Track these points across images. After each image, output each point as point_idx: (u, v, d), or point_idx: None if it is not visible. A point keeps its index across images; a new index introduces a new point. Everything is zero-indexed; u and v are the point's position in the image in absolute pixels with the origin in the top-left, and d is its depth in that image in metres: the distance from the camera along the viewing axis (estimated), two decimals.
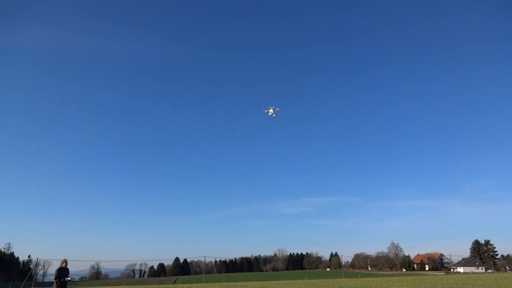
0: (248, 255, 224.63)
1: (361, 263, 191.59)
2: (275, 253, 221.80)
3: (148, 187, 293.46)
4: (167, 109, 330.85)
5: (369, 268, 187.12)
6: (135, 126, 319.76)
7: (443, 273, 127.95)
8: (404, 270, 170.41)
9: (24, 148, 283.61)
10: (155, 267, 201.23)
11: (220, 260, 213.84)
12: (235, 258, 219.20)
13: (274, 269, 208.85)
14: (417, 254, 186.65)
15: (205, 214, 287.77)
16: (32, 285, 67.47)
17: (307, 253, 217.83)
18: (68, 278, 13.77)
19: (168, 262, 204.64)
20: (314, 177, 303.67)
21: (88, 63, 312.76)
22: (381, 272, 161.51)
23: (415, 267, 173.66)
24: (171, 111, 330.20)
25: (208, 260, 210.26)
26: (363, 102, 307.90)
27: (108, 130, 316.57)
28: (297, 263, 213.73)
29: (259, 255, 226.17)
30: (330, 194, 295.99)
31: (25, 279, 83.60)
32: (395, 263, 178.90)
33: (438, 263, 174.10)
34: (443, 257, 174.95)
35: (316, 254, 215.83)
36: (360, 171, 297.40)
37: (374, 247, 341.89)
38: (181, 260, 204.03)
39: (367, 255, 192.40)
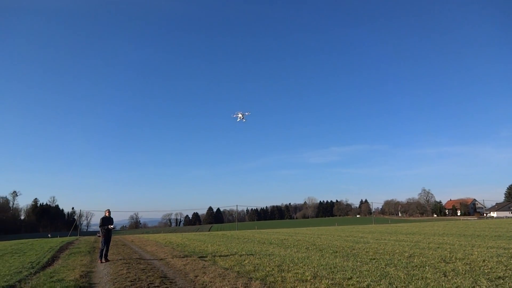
0: (279, 204, 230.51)
1: (391, 209, 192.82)
2: (305, 201, 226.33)
3: (181, 141, 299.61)
4: (200, 63, 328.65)
5: (400, 214, 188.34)
6: (170, 82, 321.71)
7: (476, 218, 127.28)
8: (435, 215, 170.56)
9: (64, 104, 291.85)
10: (190, 216, 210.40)
11: (251, 209, 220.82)
12: (266, 207, 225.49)
13: (304, 217, 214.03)
14: (449, 199, 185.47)
15: (236, 165, 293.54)
16: (78, 234, 72.33)
17: (336, 200, 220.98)
18: (111, 226, 14.65)
19: (202, 211, 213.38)
20: (341, 127, 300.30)
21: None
22: (411, 218, 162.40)
23: (447, 213, 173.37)
24: (202, 64, 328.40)
25: (240, 209, 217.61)
26: (393, 49, 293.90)
27: (146, 88, 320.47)
28: (327, 210, 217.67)
29: (290, 204, 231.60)
30: (358, 142, 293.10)
31: (71, 229, 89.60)
32: (426, 209, 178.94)
33: (471, 208, 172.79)
34: (476, 202, 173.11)
35: (346, 201, 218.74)
36: (388, 119, 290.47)
37: (404, 194, 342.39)
38: (214, 209, 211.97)
39: (397, 202, 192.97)
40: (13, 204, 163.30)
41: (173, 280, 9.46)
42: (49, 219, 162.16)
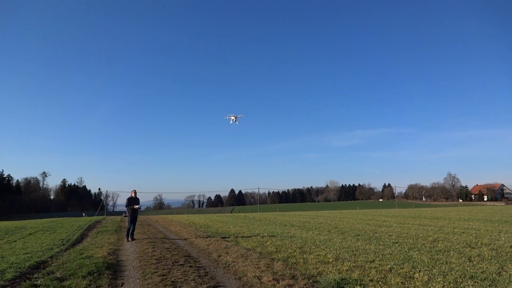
0: (300, 187, 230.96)
1: (415, 193, 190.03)
2: (327, 185, 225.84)
3: (205, 124, 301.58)
4: (230, 46, 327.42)
5: (424, 199, 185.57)
6: (195, 66, 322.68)
7: (503, 204, 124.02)
8: (461, 200, 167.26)
9: (91, 87, 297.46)
10: (212, 198, 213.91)
11: (273, 192, 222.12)
12: (288, 190, 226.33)
13: (326, 200, 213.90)
14: (475, 184, 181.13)
15: (259, 148, 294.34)
16: (104, 214, 74.67)
17: (359, 184, 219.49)
18: (137, 206, 15.03)
19: (224, 193, 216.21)
20: (367, 110, 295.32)
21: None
22: (436, 203, 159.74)
23: (473, 198, 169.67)
24: (232, 47, 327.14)
25: (261, 191, 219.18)
26: (420, 31, 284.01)
27: (167, 69, 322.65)
28: (349, 194, 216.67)
29: (311, 187, 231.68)
30: (383, 126, 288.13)
31: (98, 209, 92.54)
32: (451, 193, 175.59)
33: (498, 194, 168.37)
34: (504, 187, 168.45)
35: (369, 185, 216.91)
36: (414, 101, 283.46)
37: (429, 178, 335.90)
38: (236, 192, 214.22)
39: (422, 186, 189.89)
40: (43, 184, 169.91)
41: (197, 259, 9.69)
42: (77, 199, 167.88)
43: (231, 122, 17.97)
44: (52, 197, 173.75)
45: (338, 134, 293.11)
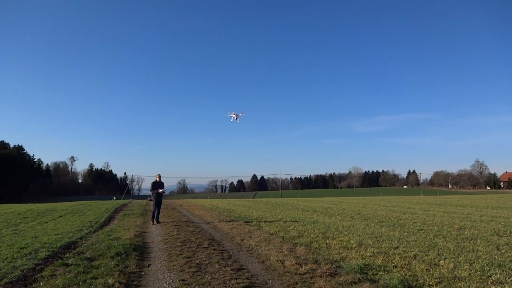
0: (323, 173, 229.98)
1: (441, 181, 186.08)
2: (350, 171, 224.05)
3: (227, 109, 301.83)
4: (255, 31, 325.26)
5: (450, 186, 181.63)
6: (221, 51, 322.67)
7: None
8: (489, 188, 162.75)
9: (115, 72, 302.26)
10: (235, 183, 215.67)
11: (295, 177, 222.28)
12: (310, 176, 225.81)
13: (348, 186, 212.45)
14: (505, 172, 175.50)
15: (281, 133, 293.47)
16: (130, 198, 76.63)
17: (383, 170, 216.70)
18: (161, 190, 15.31)
19: (247, 178, 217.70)
20: (391, 95, 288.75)
21: None
22: (462, 190, 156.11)
23: (502, 185, 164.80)
24: (257, 32, 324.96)
25: (284, 177, 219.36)
26: (449, 19, 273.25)
27: (187, 55, 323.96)
28: (373, 180, 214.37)
29: (334, 173, 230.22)
30: (408, 111, 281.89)
31: (124, 193, 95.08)
32: (479, 181, 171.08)
33: None
34: None
35: (393, 172, 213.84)
36: (441, 86, 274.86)
37: (456, 165, 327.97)
38: (258, 177, 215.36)
39: (448, 173, 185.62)
40: (71, 168, 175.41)
41: (220, 242, 9.85)
42: (104, 183, 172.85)
43: (231, 120, 18.03)
44: (80, 180, 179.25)
45: (361, 120, 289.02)
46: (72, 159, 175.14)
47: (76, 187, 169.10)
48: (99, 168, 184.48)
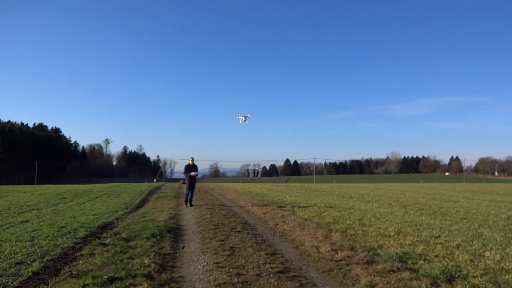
0: (359, 158, 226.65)
1: (487, 168, 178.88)
2: (388, 156, 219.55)
3: (261, 93, 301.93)
4: (292, 11, 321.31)
5: (496, 174, 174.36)
6: (253, 26, 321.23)
7: None
8: None
9: (151, 52, 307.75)
10: (267, 167, 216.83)
11: (330, 162, 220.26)
12: (345, 161, 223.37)
13: (386, 172, 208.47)
14: None
15: (316, 117, 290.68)
16: (163, 180, 78.72)
17: (423, 156, 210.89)
18: (194, 173, 15.60)
19: (279, 163, 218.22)
20: (434, 75, 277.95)
21: None
22: (510, 178, 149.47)
23: None
24: (293, 12, 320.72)
25: (318, 162, 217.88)
26: None
27: (228, 30, 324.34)
28: (412, 166, 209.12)
29: (370, 158, 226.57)
30: (453, 93, 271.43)
31: (157, 175, 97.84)
32: None
33: None
34: None
35: (434, 157, 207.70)
36: (490, 67, 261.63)
37: (503, 151, 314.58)
38: (292, 162, 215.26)
39: (494, 160, 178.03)
40: (105, 150, 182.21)
41: (253, 226, 9.98)
42: (137, 166, 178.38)
43: (240, 122, 18.16)
44: (114, 163, 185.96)
45: (402, 103, 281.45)
46: (107, 141, 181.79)
47: (110, 169, 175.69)
48: (132, 151, 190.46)
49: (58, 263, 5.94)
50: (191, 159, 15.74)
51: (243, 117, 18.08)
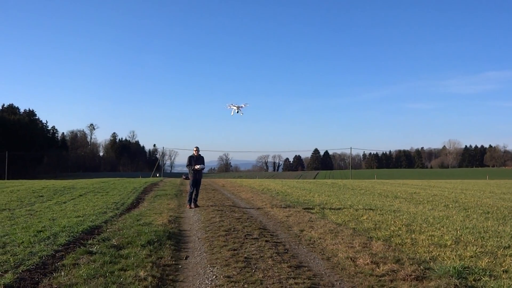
0: (407, 148, 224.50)
1: None
2: (444, 146, 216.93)
3: (280, 65, 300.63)
4: None
5: None
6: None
7: None
8: None
9: (143, 25, 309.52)
10: (291, 159, 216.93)
11: (369, 153, 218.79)
12: (390, 151, 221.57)
13: (442, 166, 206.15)
14: None
15: (352, 95, 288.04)
16: (161, 175, 79.48)
17: (490, 146, 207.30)
18: (198, 167, 15.67)
19: (306, 154, 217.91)
20: (503, 41, 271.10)
21: None
22: None
23: None
24: None
25: (354, 152, 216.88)
26: None
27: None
28: (475, 158, 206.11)
29: (422, 148, 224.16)
30: None
31: (154, 169, 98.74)
32: None
33: None
34: None
35: (504, 147, 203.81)
36: None
37: None
38: (321, 153, 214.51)
39: None
40: (91, 138, 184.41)
41: (274, 233, 10.06)
42: (129, 157, 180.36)
43: (232, 113, 18.21)
44: (101, 153, 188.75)
45: (461, 77, 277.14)
46: (92, 127, 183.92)
47: (97, 161, 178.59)
48: (123, 139, 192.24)
49: (35, 275, 6.12)
50: (195, 149, 15.87)
51: (235, 108, 18.29)
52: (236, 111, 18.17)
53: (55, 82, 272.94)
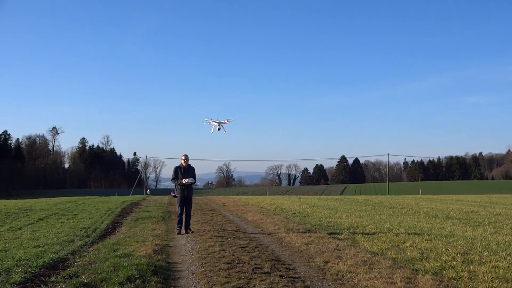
0: (461, 154, 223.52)
1: None
2: (509, 150, 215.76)
3: (295, 50, 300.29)
4: None
5: None
6: None
7: None
8: None
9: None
10: (310, 170, 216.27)
11: (413, 161, 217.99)
12: (439, 158, 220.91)
13: (506, 176, 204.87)
14: None
15: (387, 87, 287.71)
16: (144, 192, 79.67)
17: None
18: (186, 180, 15.57)
19: (330, 163, 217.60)
20: None
21: None
22: None
23: None
24: None
25: (393, 160, 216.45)
26: None
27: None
28: None
29: (480, 154, 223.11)
30: None
31: (134, 184, 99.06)
32: None
33: None
34: None
35: None
36: None
37: None
38: (350, 161, 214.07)
39: None
40: (53, 146, 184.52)
41: (290, 265, 10.01)
42: (103, 169, 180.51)
43: (212, 131, 18.41)
44: (66, 165, 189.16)
45: None
46: (55, 131, 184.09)
47: (61, 175, 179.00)
48: (95, 146, 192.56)
49: None
50: (183, 157, 15.87)
51: (216, 123, 18.45)
52: (218, 128, 18.35)
53: (7, 73, 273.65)
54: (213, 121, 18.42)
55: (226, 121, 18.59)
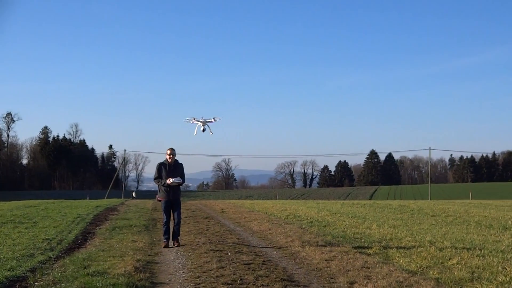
0: None
1: None
2: None
3: (313, 26, 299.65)
4: None
5: None
6: None
7: None
8: None
9: None
10: (331, 168, 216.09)
11: (461, 157, 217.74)
12: (494, 154, 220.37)
13: None
14: None
15: (425, 65, 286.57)
16: (122, 195, 79.75)
17: None
18: (172, 180, 15.56)
19: (356, 159, 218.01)
20: None
21: None
22: None
23: None
24: None
25: (436, 156, 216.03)
26: None
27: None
28: None
29: None
30: None
31: (110, 185, 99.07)
32: None
33: None
34: None
35: None
36: None
37: None
38: (382, 157, 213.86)
39: None
40: (7, 137, 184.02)
41: (306, 286, 10.01)
42: (70, 166, 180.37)
43: (195, 132, 18.48)
44: (24, 161, 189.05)
45: None
46: (10, 118, 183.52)
47: (18, 173, 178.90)
48: (60, 137, 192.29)
49: None
50: (169, 152, 15.83)
51: (200, 123, 18.51)
52: (202, 128, 18.41)
53: None
54: (196, 120, 18.46)
55: (212, 120, 18.61)
